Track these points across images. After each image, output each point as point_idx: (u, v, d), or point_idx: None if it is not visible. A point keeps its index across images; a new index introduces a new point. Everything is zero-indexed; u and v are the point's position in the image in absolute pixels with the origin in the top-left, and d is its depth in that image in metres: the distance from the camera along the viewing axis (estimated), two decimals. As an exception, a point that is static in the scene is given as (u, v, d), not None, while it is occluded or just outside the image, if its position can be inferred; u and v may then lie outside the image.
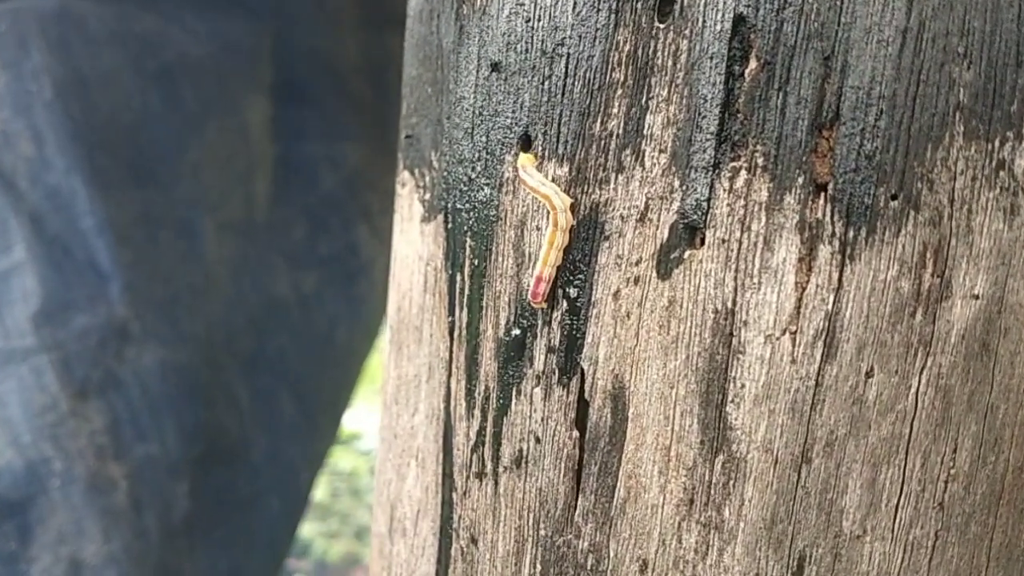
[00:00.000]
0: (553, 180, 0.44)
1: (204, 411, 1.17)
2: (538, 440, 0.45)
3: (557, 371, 0.44)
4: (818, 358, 0.38)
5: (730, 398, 0.40)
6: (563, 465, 0.44)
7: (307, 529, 2.49)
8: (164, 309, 1.14)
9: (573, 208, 0.43)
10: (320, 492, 2.61)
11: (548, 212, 0.43)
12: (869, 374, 0.37)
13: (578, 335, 0.44)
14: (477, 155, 0.47)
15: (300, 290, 1.33)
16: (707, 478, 0.40)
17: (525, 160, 0.44)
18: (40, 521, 1.07)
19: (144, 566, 1.11)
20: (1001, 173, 0.36)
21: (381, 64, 1.33)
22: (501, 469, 0.47)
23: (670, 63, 0.40)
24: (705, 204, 0.39)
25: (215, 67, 1.20)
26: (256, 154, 1.27)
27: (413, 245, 0.55)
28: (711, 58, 0.39)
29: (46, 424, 1.07)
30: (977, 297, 0.36)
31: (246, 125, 1.25)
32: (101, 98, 1.11)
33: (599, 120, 0.42)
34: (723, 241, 0.39)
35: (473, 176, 0.48)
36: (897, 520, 0.38)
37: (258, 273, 1.27)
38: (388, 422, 0.59)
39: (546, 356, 0.45)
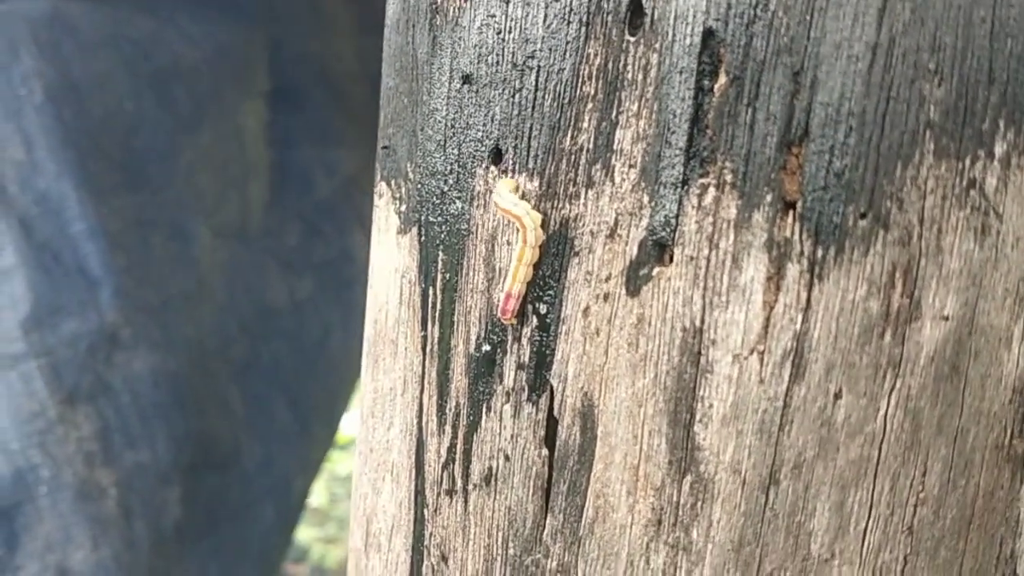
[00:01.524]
0: (523, 195, 0.43)
1: (196, 418, 1.16)
2: (507, 458, 0.44)
3: (527, 388, 0.44)
4: (786, 378, 0.37)
5: (698, 418, 0.39)
6: (532, 483, 0.44)
7: (304, 534, 2.49)
8: (156, 315, 1.14)
9: (543, 224, 0.42)
10: (318, 497, 2.60)
11: (518, 228, 0.42)
12: (838, 395, 0.37)
13: (548, 352, 0.43)
14: (449, 168, 0.47)
15: (295, 296, 1.33)
16: (675, 499, 0.40)
17: (503, 186, 0.43)
18: (27, 528, 1.06)
19: (134, 573, 1.10)
20: (972, 192, 0.35)
21: (376, 70, 1.33)
22: (471, 487, 0.46)
23: (640, 77, 0.40)
24: (674, 221, 0.39)
25: (210, 71, 1.20)
26: (251, 159, 1.26)
27: (389, 257, 0.54)
28: (680, 72, 0.38)
29: (34, 431, 1.06)
30: (947, 318, 0.36)
31: (241, 130, 1.24)
32: (93, 102, 1.10)
33: (569, 134, 0.42)
34: (691, 258, 0.38)
35: (445, 189, 0.47)
36: (866, 544, 0.37)
37: (252, 279, 1.26)
38: (365, 435, 0.58)
39: (516, 373, 0.44)
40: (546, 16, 0.42)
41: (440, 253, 0.48)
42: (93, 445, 1.09)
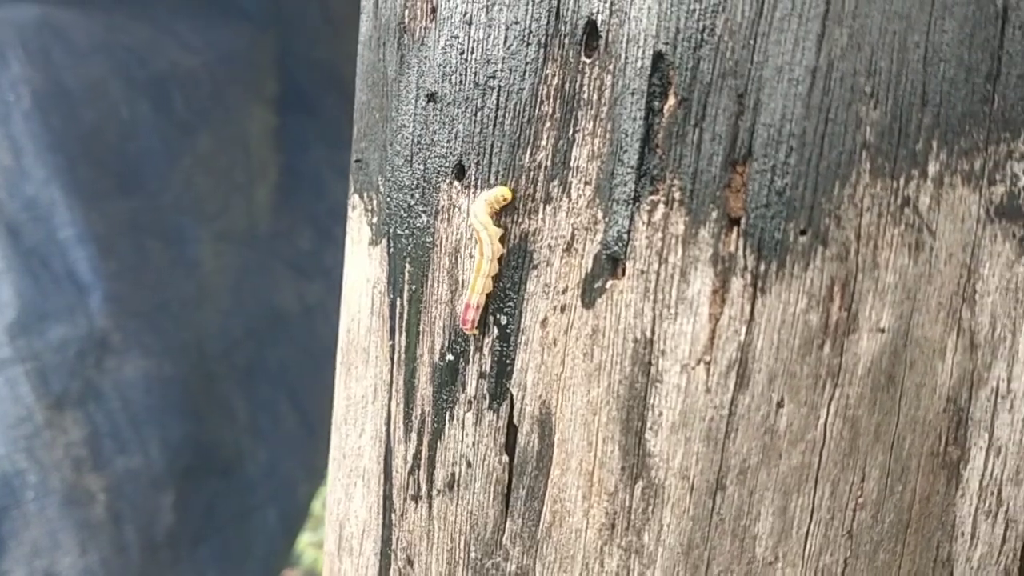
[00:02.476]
0: (492, 209, 0.45)
1: (193, 423, 1.16)
2: (469, 464, 0.46)
3: (488, 396, 0.45)
4: (731, 388, 0.39)
5: (649, 425, 0.40)
6: (493, 489, 0.45)
7: (301, 539, 2.49)
8: (150, 319, 1.14)
9: (503, 238, 0.44)
10: (314, 503, 2.60)
11: (477, 242, 0.44)
12: (780, 404, 0.38)
13: (508, 361, 0.44)
14: (416, 183, 0.48)
15: (304, 300, 1.33)
16: (627, 503, 0.41)
17: (481, 199, 0.44)
18: (13, 534, 1.06)
19: (124, 578, 1.11)
20: (906, 210, 0.36)
21: None
22: (435, 492, 0.48)
23: (595, 97, 0.41)
24: (626, 236, 0.40)
25: (210, 77, 1.21)
26: (257, 164, 1.27)
27: (362, 267, 0.56)
28: (632, 93, 0.40)
29: (20, 436, 1.07)
30: (883, 330, 0.37)
31: (246, 135, 1.25)
32: (85, 108, 1.11)
33: (529, 151, 0.43)
34: (642, 272, 0.40)
35: (412, 203, 0.49)
36: (807, 547, 0.39)
37: (259, 283, 1.26)
38: (338, 442, 0.59)
39: (477, 381, 0.45)
40: (506, 38, 0.43)
41: (407, 265, 0.49)
42: (82, 450, 1.10)
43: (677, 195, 0.39)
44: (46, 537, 1.08)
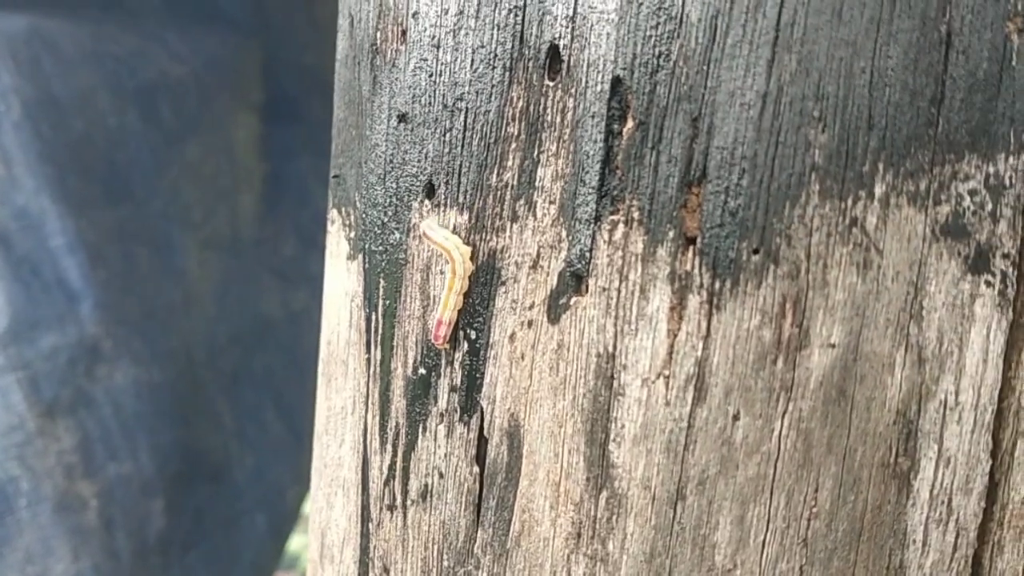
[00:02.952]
0: (455, 228, 0.46)
1: (182, 429, 1.17)
2: (441, 475, 0.47)
3: (459, 409, 0.46)
4: (689, 401, 0.40)
5: (612, 437, 0.42)
6: (464, 499, 0.46)
7: (294, 542, 2.50)
8: (139, 327, 1.15)
9: (472, 256, 0.45)
10: (307, 506, 2.61)
11: (448, 260, 0.45)
12: (736, 417, 0.39)
13: (478, 375, 0.46)
14: (388, 200, 0.49)
15: (290, 307, 1.34)
16: (593, 513, 0.43)
17: (432, 220, 0.46)
18: (7, 540, 1.07)
19: (115, 584, 1.11)
20: (854, 230, 0.38)
21: None
22: (409, 502, 0.49)
23: (559, 119, 0.42)
24: (588, 254, 0.42)
25: (197, 85, 1.21)
26: (242, 171, 1.28)
27: (340, 281, 0.57)
28: (592, 116, 0.41)
29: (12, 444, 1.08)
30: (833, 346, 0.38)
31: (231, 143, 1.26)
32: (74, 118, 1.12)
33: (496, 171, 0.45)
34: (604, 289, 0.41)
35: (385, 220, 0.50)
36: (764, 555, 0.40)
37: (245, 290, 1.27)
38: (320, 452, 0.61)
39: (449, 395, 0.47)
40: (473, 61, 0.45)
41: (381, 280, 0.50)
42: (73, 457, 1.10)
43: (636, 215, 0.40)
44: (39, 543, 1.09)
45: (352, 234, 0.55)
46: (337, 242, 0.58)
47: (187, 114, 1.21)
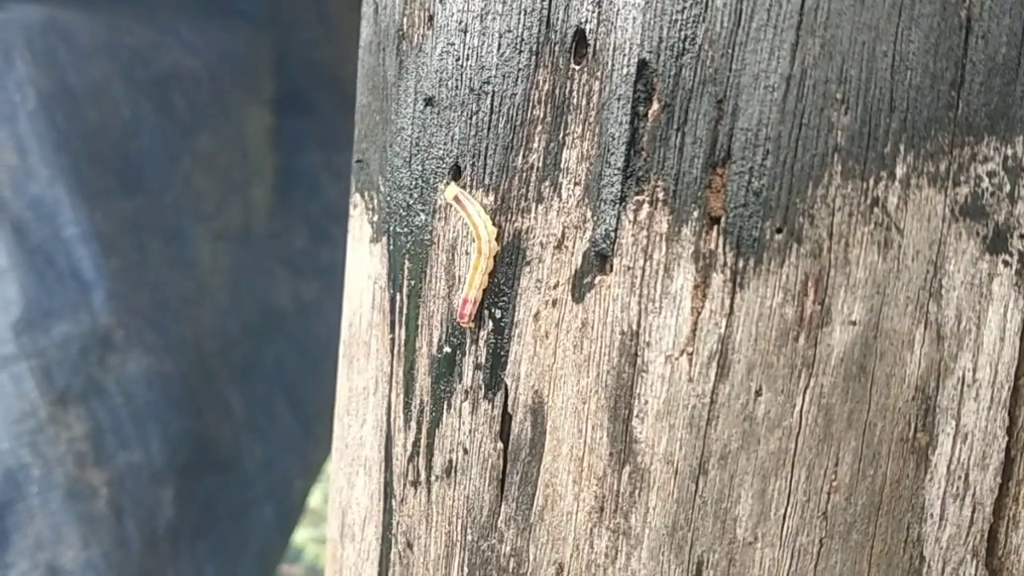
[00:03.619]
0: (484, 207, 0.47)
1: (193, 419, 1.18)
2: (466, 451, 0.48)
3: (483, 386, 0.47)
4: (712, 377, 0.41)
5: (635, 413, 0.43)
6: (488, 474, 0.47)
7: (299, 535, 2.51)
8: (151, 317, 1.16)
9: (497, 236, 0.46)
10: (313, 498, 2.63)
11: (474, 239, 0.46)
12: (758, 393, 0.40)
13: (502, 353, 0.47)
14: (414, 183, 0.50)
15: (301, 299, 1.35)
16: (615, 487, 0.44)
17: (456, 188, 0.47)
18: (18, 527, 1.08)
19: (124, 572, 1.12)
20: (875, 210, 0.39)
21: None
22: (433, 478, 0.50)
23: (584, 102, 0.43)
24: (613, 234, 0.43)
25: (210, 78, 1.22)
26: (254, 164, 1.29)
27: (363, 264, 0.58)
28: (618, 99, 0.42)
29: (25, 431, 1.09)
30: (854, 323, 0.39)
31: (243, 135, 1.27)
32: (89, 108, 1.13)
33: (521, 153, 0.45)
34: (628, 268, 0.42)
35: (411, 202, 0.51)
36: (785, 528, 0.41)
37: (256, 282, 1.28)
38: (340, 432, 0.62)
39: (473, 372, 0.48)
40: (500, 45, 0.46)
41: (406, 261, 0.51)
42: (84, 445, 1.11)
43: (661, 195, 0.41)
44: (49, 531, 1.10)
45: (375, 217, 0.56)
46: (360, 226, 0.59)
47: (200, 106, 1.22)
